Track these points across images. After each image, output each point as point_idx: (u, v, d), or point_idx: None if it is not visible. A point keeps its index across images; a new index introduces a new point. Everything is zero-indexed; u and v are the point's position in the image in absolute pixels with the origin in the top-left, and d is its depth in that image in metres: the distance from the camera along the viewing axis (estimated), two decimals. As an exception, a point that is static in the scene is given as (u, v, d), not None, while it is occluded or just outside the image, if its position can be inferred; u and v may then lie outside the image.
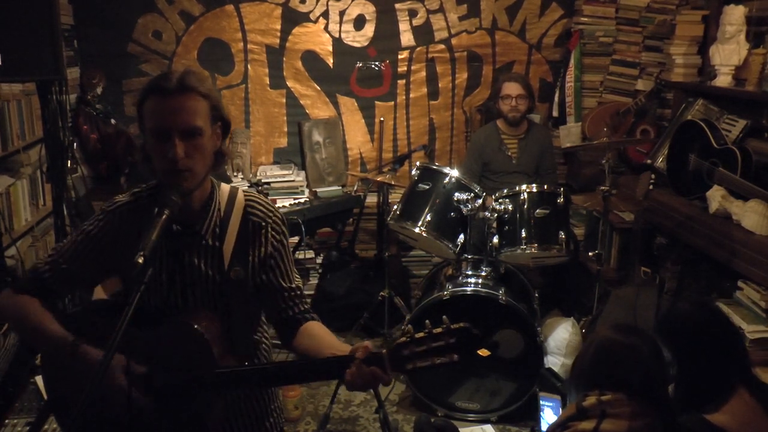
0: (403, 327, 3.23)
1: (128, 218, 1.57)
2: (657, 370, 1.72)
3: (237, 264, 1.56)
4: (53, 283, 1.59)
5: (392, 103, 4.68)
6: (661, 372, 1.74)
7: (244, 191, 1.66)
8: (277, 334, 1.70)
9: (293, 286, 1.64)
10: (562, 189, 3.34)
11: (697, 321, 1.92)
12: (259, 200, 1.65)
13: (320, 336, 1.57)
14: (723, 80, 3.55)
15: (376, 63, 4.58)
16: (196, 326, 1.46)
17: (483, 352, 1.34)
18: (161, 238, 1.37)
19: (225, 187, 1.64)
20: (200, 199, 1.56)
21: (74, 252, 1.58)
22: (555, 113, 4.62)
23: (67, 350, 1.49)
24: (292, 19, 4.46)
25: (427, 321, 1.36)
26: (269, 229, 1.61)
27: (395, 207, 3.50)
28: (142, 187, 1.63)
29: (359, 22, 4.52)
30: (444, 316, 1.35)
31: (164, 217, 1.40)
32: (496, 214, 3.28)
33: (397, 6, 4.51)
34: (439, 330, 1.33)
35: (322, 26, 4.49)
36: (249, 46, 4.47)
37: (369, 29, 4.53)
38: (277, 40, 4.48)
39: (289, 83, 4.56)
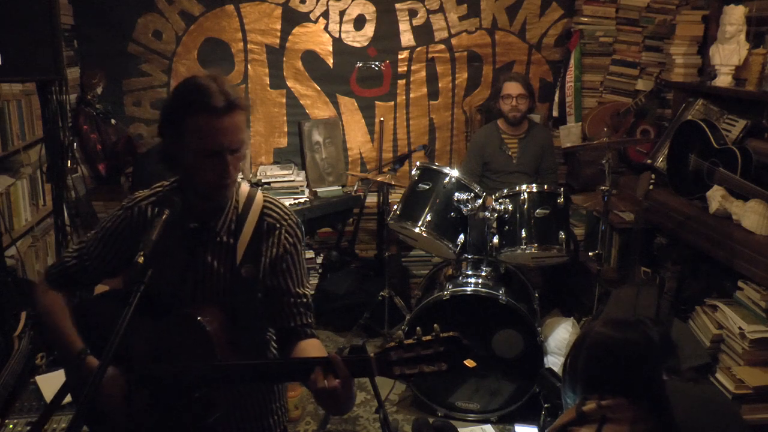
0: (402, 327, 3.25)
1: (147, 212, 1.63)
2: (653, 363, 1.70)
3: (249, 261, 1.58)
4: (78, 275, 1.68)
5: (392, 103, 4.68)
6: (657, 364, 1.72)
7: (264, 195, 1.68)
8: (276, 341, 1.72)
9: (301, 293, 1.64)
10: (562, 189, 3.33)
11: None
12: (277, 204, 1.67)
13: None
14: (723, 80, 3.55)
15: (376, 63, 4.58)
16: (198, 318, 1.49)
17: (469, 363, 1.32)
18: (177, 235, 1.44)
19: (245, 187, 1.67)
20: None
21: (96, 247, 1.66)
22: (555, 113, 4.62)
23: (74, 360, 1.56)
24: (292, 19, 4.46)
25: (418, 328, 1.35)
26: (283, 232, 1.63)
27: (395, 207, 3.49)
28: (164, 184, 1.67)
29: (359, 22, 4.51)
30: (435, 324, 1.34)
31: (164, 217, 1.44)
32: (496, 214, 3.28)
33: (397, 6, 4.51)
34: (428, 338, 1.32)
35: (322, 26, 4.49)
36: (249, 46, 4.47)
37: (369, 29, 4.53)
38: (277, 40, 4.48)
39: (289, 83, 4.56)
